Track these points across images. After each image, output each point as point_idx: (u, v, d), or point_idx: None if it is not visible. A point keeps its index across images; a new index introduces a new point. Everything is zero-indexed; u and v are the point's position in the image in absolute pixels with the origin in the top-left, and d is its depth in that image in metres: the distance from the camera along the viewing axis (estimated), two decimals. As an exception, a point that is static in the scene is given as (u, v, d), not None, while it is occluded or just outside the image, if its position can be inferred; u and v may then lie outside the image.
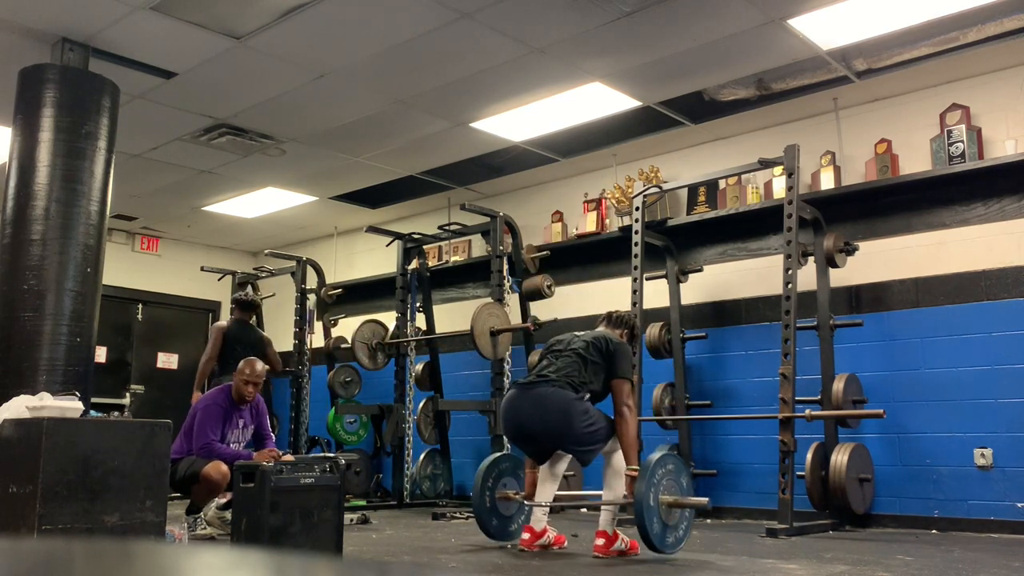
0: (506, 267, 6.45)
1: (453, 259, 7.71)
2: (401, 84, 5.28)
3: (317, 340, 8.06)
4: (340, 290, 8.00)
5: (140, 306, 9.07)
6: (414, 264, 7.28)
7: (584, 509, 6.09)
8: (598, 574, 3.33)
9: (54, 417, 3.17)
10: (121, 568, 0.50)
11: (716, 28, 4.56)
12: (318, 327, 8.09)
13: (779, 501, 4.67)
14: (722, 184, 6.07)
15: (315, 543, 3.38)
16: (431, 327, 7.28)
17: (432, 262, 7.71)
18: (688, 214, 6.25)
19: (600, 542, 3.69)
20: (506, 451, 5.39)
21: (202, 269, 8.50)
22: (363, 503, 6.62)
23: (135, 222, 8.61)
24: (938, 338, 5.13)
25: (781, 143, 5.19)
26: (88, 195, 4.45)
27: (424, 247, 7.39)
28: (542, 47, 4.77)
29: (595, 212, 6.80)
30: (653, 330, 5.91)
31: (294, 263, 7.86)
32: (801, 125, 5.87)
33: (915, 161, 5.38)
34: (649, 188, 5.84)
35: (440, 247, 7.82)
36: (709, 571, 3.37)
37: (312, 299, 8.01)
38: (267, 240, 9.21)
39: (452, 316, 7.49)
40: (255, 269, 8.57)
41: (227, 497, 4.32)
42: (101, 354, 8.24)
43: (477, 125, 5.92)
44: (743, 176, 5.98)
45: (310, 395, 7.70)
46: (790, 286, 4.89)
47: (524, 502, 4.05)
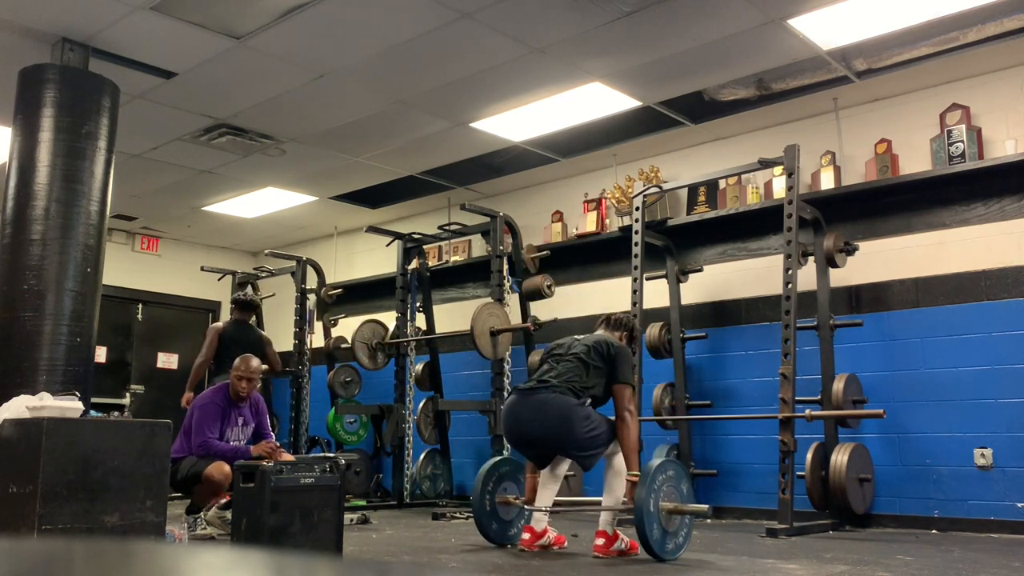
0: (506, 267, 6.45)
1: (453, 259, 7.71)
2: (401, 84, 5.28)
3: (317, 340, 8.06)
4: (340, 290, 8.00)
5: (140, 306, 9.07)
6: (414, 264, 7.28)
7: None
8: (598, 574, 3.33)
9: (54, 417, 3.17)
10: (121, 568, 0.50)
11: (716, 28, 4.56)
12: (318, 327, 8.09)
13: (779, 501, 4.67)
14: (722, 184, 6.07)
15: (315, 543, 3.38)
16: (431, 327, 7.28)
17: (432, 262, 7.71)
18: (688, 214, 6.25)
19: (600, 542, 3.69)
20: (506, 454, 5.39)
21: (202, 269, 8.50)
22: (363, 503, 6.62)
23: (135, 222, 8.61)
24: (938, 338, 5.13)
25: (781, 143, 5.19)
26: (88, 195, 4.45)
27: (424, 247, 7.39)
28: (542, 47, 4.77)
29: (595, 212, 6.80)
30: (653, 330, 5.91)
31: (294, 263, 7.86)
32: (801, 125, 5.87)
33: (915, 161, 5.38)
34: (649, 188, 5.84)
35: (440, 247, 7.82)
36: (709, 571, 3.37)
37: (312, 299, 8.01)
38: (267, 240, 9.21)
39: (452, 316, 7.49)
40: (255, 269, 8.57)
41: (227, 497, 4.32)
42: (101, 354, 8.24)
43: (477, 125, 5.92)
44: (743, 176, 5.98)
45: (310, 395, 7.70)
46: (790, 286, 4.89)
47: (524, 507, 4.05)
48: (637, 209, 5.77)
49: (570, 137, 6.21)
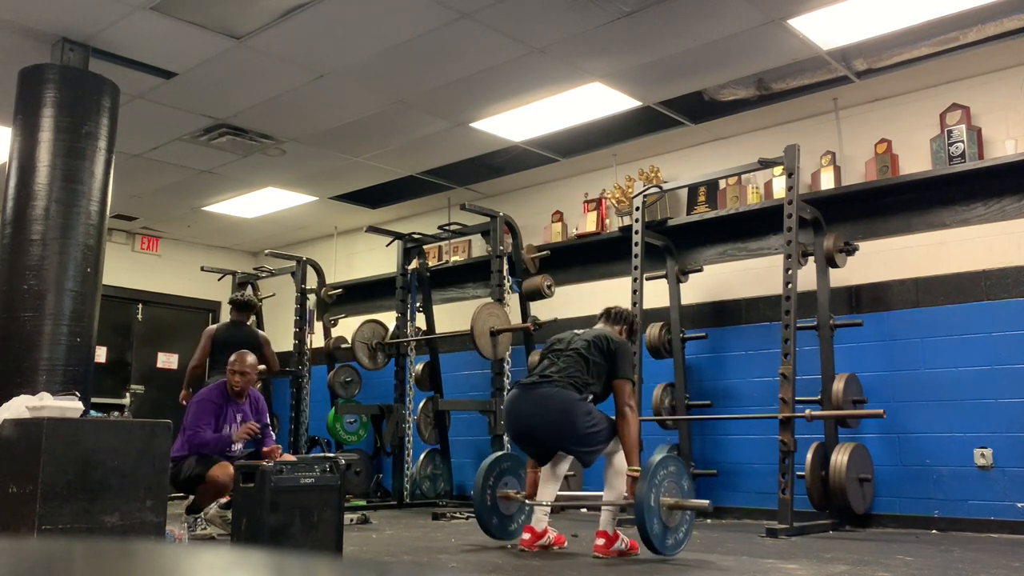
0: (506, 267, 6.45)
1: (453, 259, 7.71)
2: (401, 84, 5.28)
3: (317, 340, 8.06)
4: (340, 290, 8.00)
5: (140, 306, 9.07)
6: (414, 264, 7.28)
7: (584, 509, 6.09)
8: (598, 574, 3.33)
9: (54, 417, 3.17)
10: (121, 568, 0.50)
11: (716, 28, 4.56)
12: (318, 327, 8.09)
13: (779, 501, 4.67)
14: (722, 184, 6.07)
15: (315, 543, 3.38)
16: (431, 327, 7.29)
17: (432, 262, 7.71)
18: (688, 214, 6.25)
19: (600, 542, 3.69)
20: (507, 451, 5.39)
21: (202, 269, 8.50)
22: (363, 503, 6.62)
23: (135, 222, 8.61)
24: (938, 338, 5.13)
25: (781, 143, 5.19)
26: (88, 195, 4.45)
27: (424, 247, 7.40)
28: (542, 47, 4.77)
29: (595, 212, 6.80)
30: (653, 330, 5.91)
31: (294, 263, 7.86)
32: (801, 125, 5.87)
33: (915, 161, 5.38)
34: (649, 188, 5.84)
35: (440, 247, 7.82)
36: (709, 571, 3.37)
37: (312, 299, 8.01)
38: (267, 240, 9.21)
39: (452, 316, 7.49)
40: (255, 269, 8.57)
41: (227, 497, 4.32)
42: (101, 354, 8.24)
43: (477, 125, 5.92)
44: (743, 176, 5.98)
45: (310, 395, 7.70)
46: (790, 286, 4.89)
47: (525, 502, 4.05)
48: (637, 209, 5.77)
49: (570, 137, 6.21)
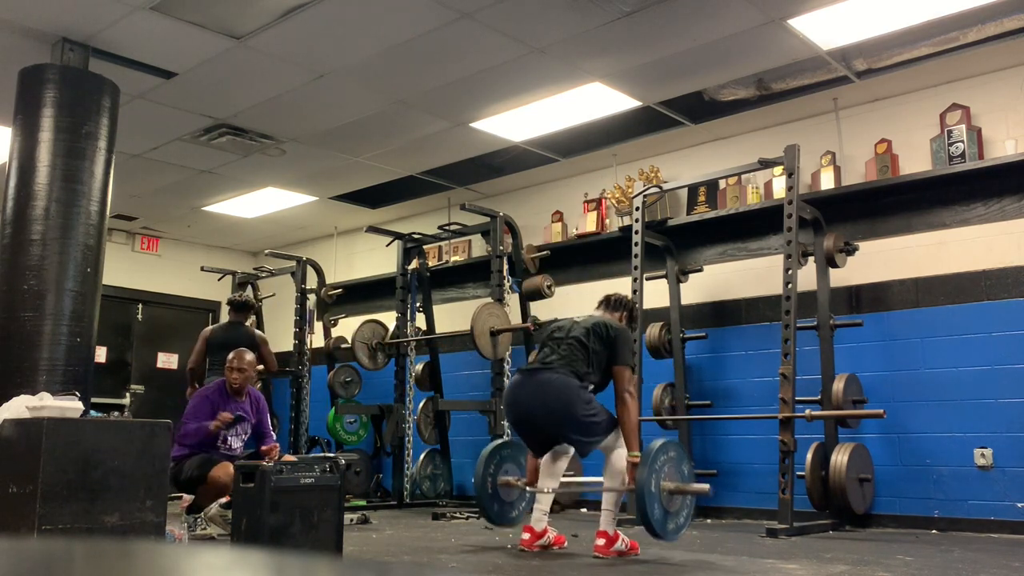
0: (506, 267, 6.45)
1: (453, 259, 7.71)
2: (401, 84, 5.28)
3: (317, 340, 8.06)
4: (340, 290, 8.00)
5: (140, 306, 9.07)
6: (414, 264, 7.28)
7: (584, 509, 6.09)
8: (598, 574, 3.33)
9: (54, 417, 3.17)
10: (121, 568, 0.50)
11: (716, 28, 4.56)
12: (318, 327, 8.09)
13: (779, 501, 4.67)
14: (722, 184, 6.07)
15: (315, 543, 3.38)
16: (431, 327, 7.29)
17: (432, 262, 7.71)
18: (688, 214, 6.25)
19: (600, 542, 3.69)
20: (507, 438, 5.38)
21: (202, 269, 8.50)
22: (363, 503, 6.62)
23: (135, 222, 8.61)
24: (938, 338, 5.13)
25: (781, 143, 5.19)
26: (88, 195, 4.45)
27: (424, 247, 7.40)
28: (542, 47, 4.77)
29: (595, 212, 6.80)
30: (653, 330, 5.91)
31: (294, 263, 7.86)
32: (801, 125, 5.87)
33: (915, 161, 5.38)
34: (649, 188, 5.84)
35: (440, 247, 7.82)
36: (709, 571, 3.37)
37: (312, 299, 8.01)
38: (267, 240, 9.21)
39: (452, 316, 7.49)
40: (255, 269, 8.57)
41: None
42: (101, 354, 8.24)
43: (477, 125, 5.92)
44: (743, 176, 5.98)
45: (310, 395, 7.70)
46: (790, 286, 4.89)
47: (526, 489, 4.07)
48: (637, 209, 5.77)
49: (570, 137, 6.21)
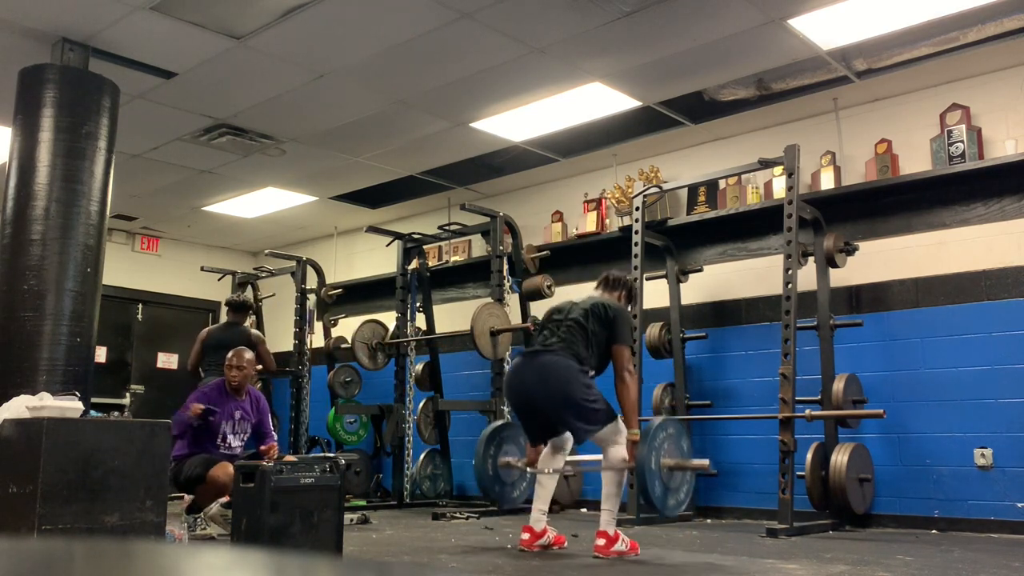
0: (506, 267, 6.45)
1: (453, 259, 7.71)
2: (401, 84, 5.28)
3: (317, 340, 8.06)
4: (340, 290, 8.01)
5: (140, 306, 9.07)
6: (414, 264, 7.28)
7: (584, 509, 6.09)
8: (598, 574, 3.33)
9: (54, 417, 3.17)
10: (121, 568, 0.50)
11: (716, 28, 4.56)
12: (318, 327, 8.09)
13: (779, 501, 4.67)
14: (722, 184, 6.07)
15: (315, 543, 3.38)
16: (431, 327, 7.29)
17: (432, 262, 7.71)
18: (688, 214, 6.25)
19: (601, 542, 3.69)
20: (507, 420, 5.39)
21: (202, 269, 8.51)
22: (363, 503, 6.62)
23: (135, 222, 8.61)
24: (938, 338, 5.13)
25: (781, 143, 5.19)
26: (88, 195, 4.45)
27: (424, 247, 7.40)
28: (542, 47, 4.77)
29: (595, 212, 6.80)
30: (653, 330, 5.91)
31: (294, 263, 7.86)
32: (801, 125, 5.87)
33: (915, 161, 5.38)
34: (649, 188, 5.84)
35: (440, 247, 7.82)
36: (709, 571, 3.37)
37: (312, 299, 8.01)
38: (267, 240, 9.21)
39: (452, 316, 7.49)
40: (255, 269, 8.57)
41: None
42: (101, 354, 8.24)
43: (477, 125, 5.92)
44: (743, 176, 5.98)
45: (310, 395, 7.70)
46: (790, 286, 4.89)
47: (527, 469, 4.09)
48: (637, 209, 5.77)
49: (570, 137, 6.21)
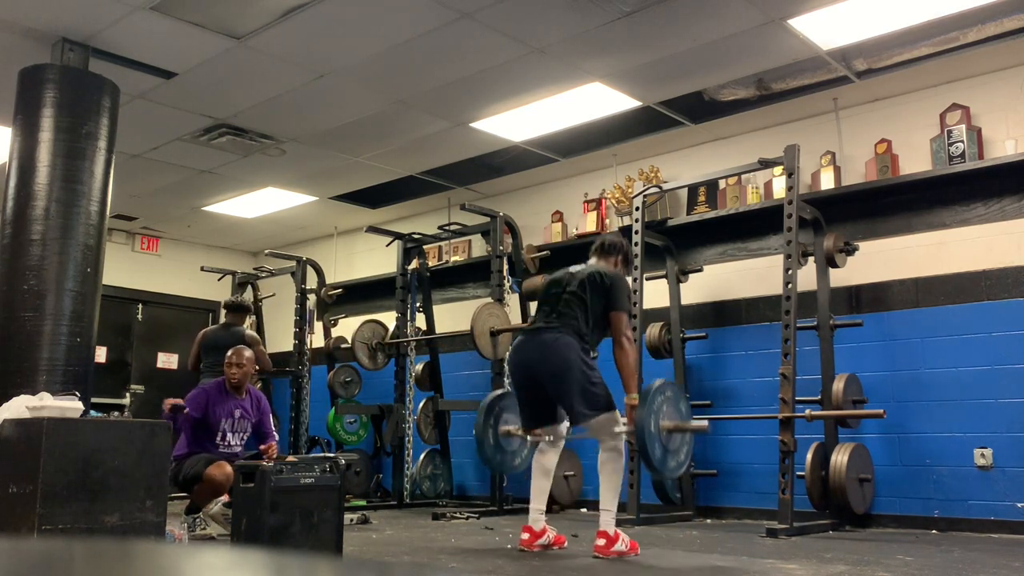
0: (506, 267, 6.45)
1: (453, 259, 7.71)
2: (401, 84, 5.28)
3: (317, 340, 8.06)
4: (340, 290, 8.01)
5: (140, 306, 9.07)
6: (414, 264, 7.28)
7: (584, 509, 6.09)
8: (598, 574, 3.33)
9: (54, 417, 3.17)
10: (121, 568, 0.50)
11: (716, 28, 4.56)
12: (318, 327, 8.09)
13: (779, 501, 4.67)
14: (722, 184, 6.07)
15: (315, 543, 3.38)
16: (431, 327, 7.29)
17: (432, 262, 7.71)
18: (688, 214, 6.25)
19: (601, 542, 3.69)
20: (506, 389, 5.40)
21: (202, 269, 8.51)
22: (363, 503, 6.62)
23: (135, 222, 8.61)
24: (938, 338, 5.13)
25: (781, 143, 5.19)
26: (88, 195, 4.45)
27: (424, 247, 7.40)
28: (542, 47, 4.77)
29: (595, 212, 6.80)
30: (653, 330, 5.91)
31: (294, 263, 7.86)
32: (801, 125, 5.87)
33: (915, 161, 5.38)
34: (649, 188, 5.84)
35: (440, 247, 7.82)
36: (709, 571, 3.37)
37: (312, 299, 8.01)
38: (267, 240, 9.21)
39: (452, 316, 7.49)
40: (255, 269, 8.57)
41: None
42: (101, 354, 8.24)
43: (477, 125, 5.92)
44: (743, 176, 5.98)
45: (310, 395, 7.70)
46: (790, 286, 4.89)
47: (527, 437, 4.13)
48: (637, 209, 5.77)
49: (570, 137, 6.21)
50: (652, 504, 5.67)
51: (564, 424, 4.07)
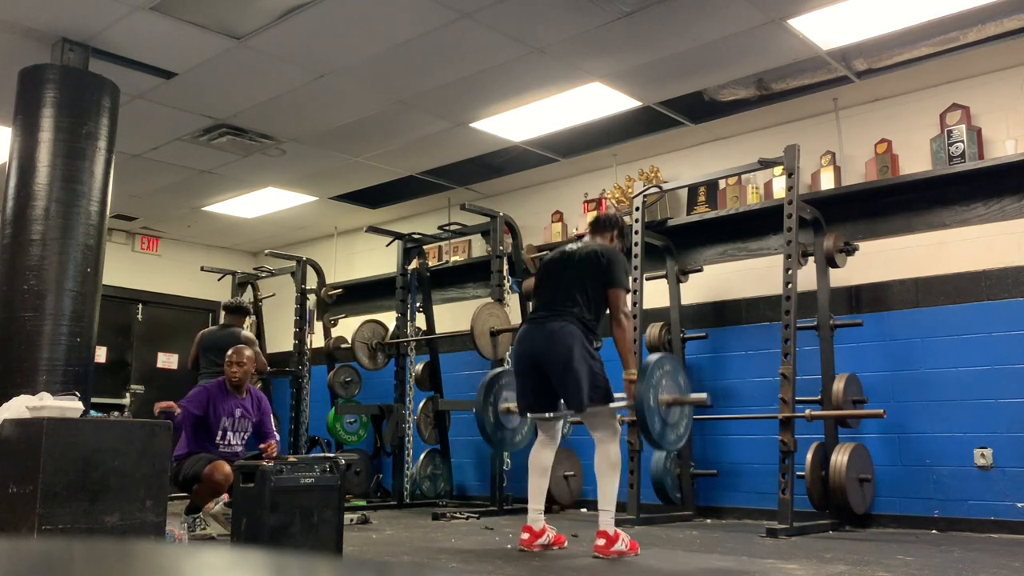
0: (506, 267, 6.45)
1: (453, 259, 7.71)
2: (401, 84, 5.28)
3: (317, 340, 8.06)
4: (340, 290, 8.00)
5: (140, 306, 9.07)
6: (414, 264, 7.28)
7: (584, 509, 6.09)
8: (598, 574, 3.33)
9: (54, 417, 3.17)
10: (121, 568, 0.50)
11: (716, 28, 4.56)
12: (318, 327, 8.09)
13: (779, 501, 4.67)
14: (722, 184, 6.07)
15: (315, 543, 3.38)
16: (431, 327, 7.29)
17: (432, 262, 7.71)
18: (688, 214, 6.25)
19: (601, 542, 3.69)
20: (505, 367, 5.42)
21: (202, 269, 8.51)
22: (363, 503, 6.62)
23: (135, 222, 8.61)
24: (938, 338, 5.13)
25: (781, 143, 5.19)
26: (88, 195, 4.45)
27: (424, 247, 7.40)
28: (542, 47, 4.77)
29: (595, 212, 6.80)
30: (653, 330, 5.91)
31: (294, 263, 7.86)
32: (801, 125, 5.87)
33: (915, 161, 5.38)
34: (649, 188, 5.84)
35: (440, 247, 7.82)
36: (709, 571, 3.37)
37: (312, 299, 8.01)
38: (267, 240, 9.21)
39: (452, 316, 7.49)
40: (255, 269, 8.57)
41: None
42: (101, 354, 8.24)
43: (477, 125, 5.92)
44: (743, 176, 5.98)
45: (310, 395, 7.70)
46: (790, 286, 4.89)
47: (527, 415, 4.14)
48: (637, 209, 5.77)
49: (570, 137, 6.21)
50: (652, 504, 5.67)
51: (561, 422, 4.08)
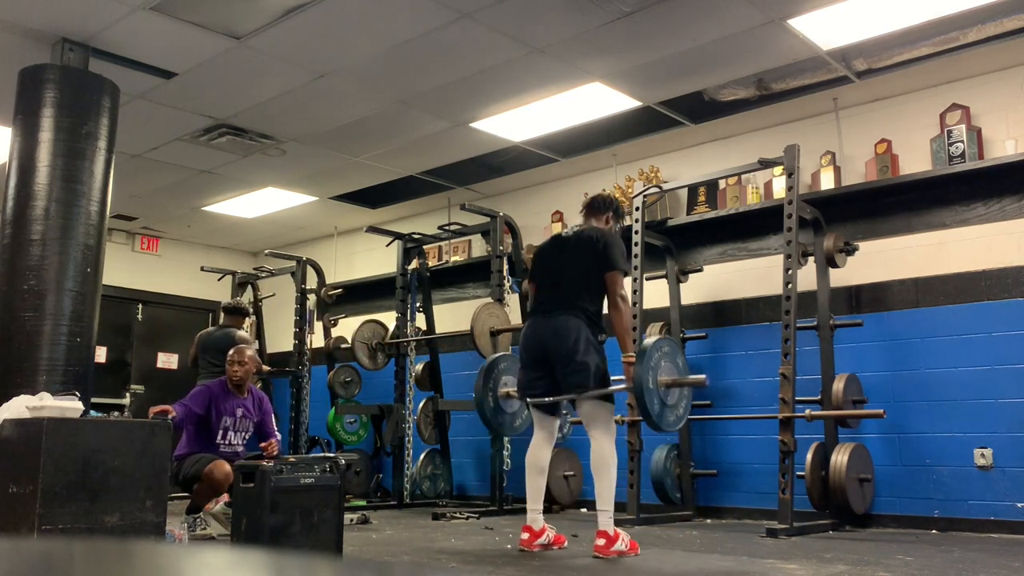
0: (506, 267, 6.45)
1: (453, 259, 7.71)
2: (401, 84, 5.28)
3: (317, 340, 8.06)
4: (340, 290, 8.00)
5: (140, 306, 9.06)
6: (414, 264, 7.28)
7: (584, 509, 6.09)
8: (598, 574, 3.33)
9: (54, 417, 3.17)
10: (121, 568, 0.50)
11: (716, 28, 4.56)
12: (318, 327, 8.09)
13: (779, 501, 4.67)
14: (722, 184, 6.07)
15: (315, 543, 3.38)
16: (431, 327, 7.29)
17: (432, 262, 7.71)
18: (688, 214, 6.25)
19: (601, 542, 3.69)
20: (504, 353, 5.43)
21: (202, 269, 8.51)
22: (363, 503, 6.62)
23: (135, 222, 8.61)
24: (938, 338, 5.13)
25: (781, 143, 5.19)
26: (88, 195, 4.45)
27: (424, 247, 7.40)
28: (542, 47, 4.77)
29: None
30: (653, 330, 5.90)
31: (294, 263, 7.86)
32: (801, 125, 5.87)
33: (915, 161, 5.38)
34: (649, 188, 5.84)
35: (440, 247, 7.82)
36: (709, 571, 3.37)
37: (312, 299, 8.01)
38: (267, 240, 9.21)
39: (452, 316, 7.49)
40: (255, 269, 8.57)
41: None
42: (101, 354, 8.24)
43: (477, 125, 5.92)
44: (743, 176, 5.98)
45: (310, 395, 7.70)
46: (790, 286, 4.89)
47: (526, 399, 4.14)
48: (637, 209, 5.77)
49: (570, 137, 6.21)
50: (652, 504, 5.67)
51: (559, 421, 4.09)
